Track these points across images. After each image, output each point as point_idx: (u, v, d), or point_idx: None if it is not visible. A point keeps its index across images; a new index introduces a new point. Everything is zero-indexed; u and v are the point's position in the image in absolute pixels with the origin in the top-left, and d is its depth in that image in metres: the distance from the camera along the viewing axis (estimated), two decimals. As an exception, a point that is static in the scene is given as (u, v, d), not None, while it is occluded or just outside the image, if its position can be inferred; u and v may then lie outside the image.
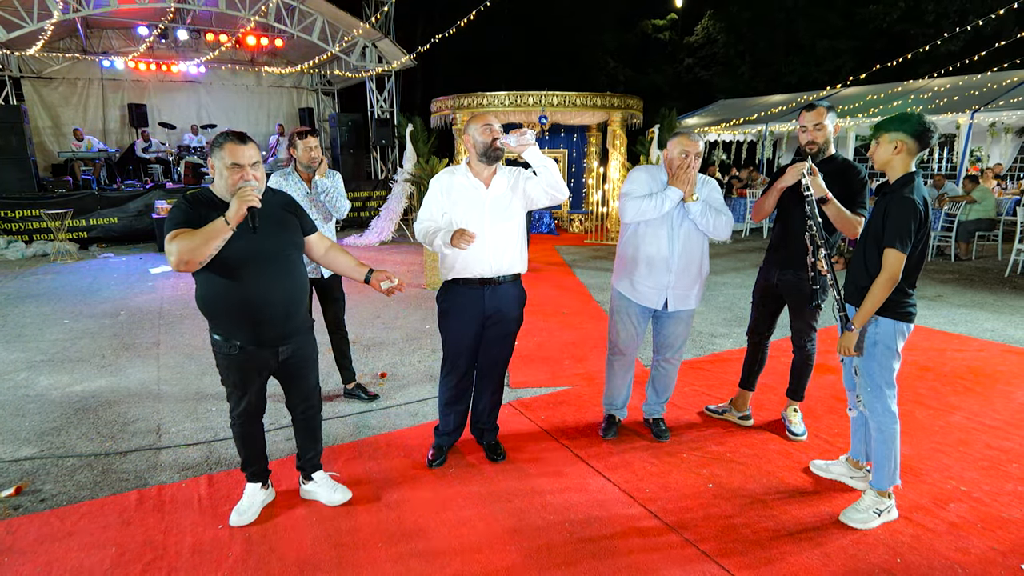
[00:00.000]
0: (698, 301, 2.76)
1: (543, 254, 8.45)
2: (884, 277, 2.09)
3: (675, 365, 2.89)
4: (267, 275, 2.03)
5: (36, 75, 11.33)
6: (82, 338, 4.59)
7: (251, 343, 2.07)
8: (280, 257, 2.08)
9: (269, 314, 2.05)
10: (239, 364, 2.11)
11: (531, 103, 10.18)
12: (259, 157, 2.03)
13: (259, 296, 2.02)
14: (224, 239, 1.89)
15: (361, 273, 2.22)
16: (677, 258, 2.64)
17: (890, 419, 2.21)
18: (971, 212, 7.87)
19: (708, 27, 22.68)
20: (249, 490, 2.32)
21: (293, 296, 2.12)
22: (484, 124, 2.41)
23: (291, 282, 2.11)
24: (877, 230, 2.15)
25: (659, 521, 2.26)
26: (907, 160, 2.15)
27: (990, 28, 13.84)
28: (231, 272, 1.98)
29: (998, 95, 10.11)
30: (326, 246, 2.27)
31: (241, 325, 2.04)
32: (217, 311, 2.05)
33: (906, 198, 2.07)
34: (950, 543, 2.12)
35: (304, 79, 14.22)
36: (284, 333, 2.12)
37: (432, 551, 2.10)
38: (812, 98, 13.27)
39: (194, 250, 1.86)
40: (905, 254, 2.06)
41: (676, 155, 2.60)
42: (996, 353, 4.11)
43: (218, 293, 2.01)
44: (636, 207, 2.61)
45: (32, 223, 8.47)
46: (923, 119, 2.11)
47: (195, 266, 1.90)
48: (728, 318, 5.10)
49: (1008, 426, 3.02)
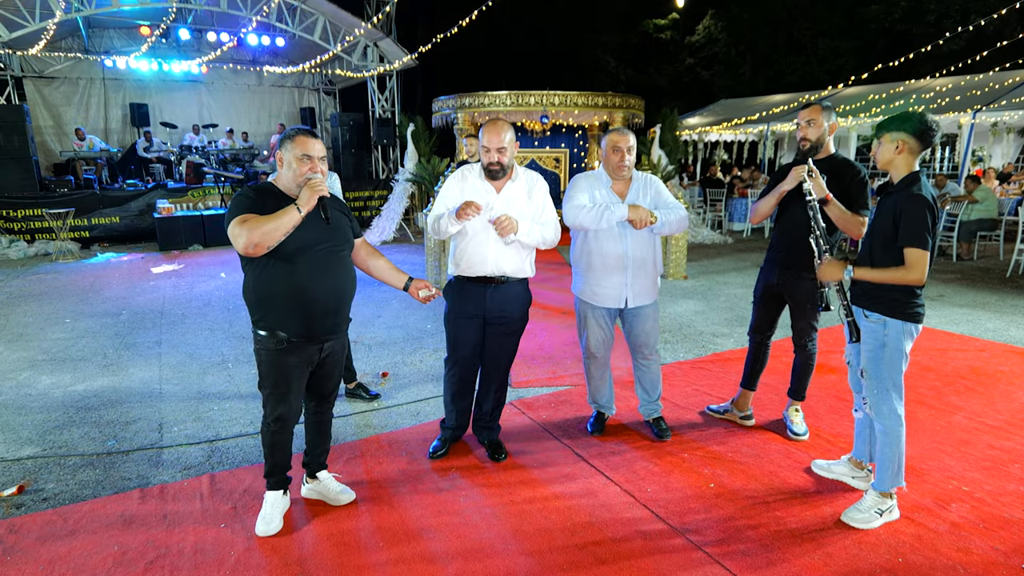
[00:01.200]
0: (656, 294, 2.81)
1: (544, 253, 8.44)
2: (911, 276, 2.05)
3: (654, 362, 2.90)
4: (325, 267, 2.09)
5: (38, 75, 11.35)
6: (84, 337, 4.60)
7: (301, 334, 2.08)
8: (337, 251, 2.14)
9: (322, 306, 2.09)
10: (283, 360, 2.09)
11: (532, 103, 10.17)
12: (325, 153, 2.12)
13: (315, 286, 2.06)
14: (294, 226, 1.96)
15: (401, 280, 2.33)
16: (631, 256, 2.71)
17: (896, 422, 2.19)
18: (973, 212, 7.85)
19: (709, 27, 22.66)
20: (271, 498, 2.25)
21: (345, 290, 2.18)
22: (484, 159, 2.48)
23: (345, 276, 2.18)
24: (886, 231, 2.12)
25: (661, 522, 2.26)
26: (910, 160, 2.14)
27: (992, 28, 13.82)
28: (292, 260, 2.04)
29: (1000, 95, 10.10)
30: (368, 251, 2.36)
31: (294, 314, 2.06)
32: (271, 300, 2.06)
33: (919, 196, 2.05)
34: (952, 543, 2.12)
35: (305, 79, 14.23)
36: (332, 327, 2.17)
37: (433, 552, 2.10)
38: (813, 98, 13.25)
39: (267, 233, 1.93)
40: (928, 252, 2.04)
41: (609, 152, 2.69)
42: (998, 353, 4.10)
43: (275, 281, 2.04)
44: (574, 216, 2.67)
45: (34, 222, 8.48)
46: (924, 118, 2.10)
47: (263, 250, 1.96)
48: (729, 318, 5.10)
49: (1010, 426, 3.02)
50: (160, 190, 9.41)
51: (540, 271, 2.91)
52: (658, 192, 2.76)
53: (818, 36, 19.51)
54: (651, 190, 2.77)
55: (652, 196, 2.75)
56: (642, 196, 2.74)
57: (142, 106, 11.81)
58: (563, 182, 11.82)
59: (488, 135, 2.44)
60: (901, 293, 2.13)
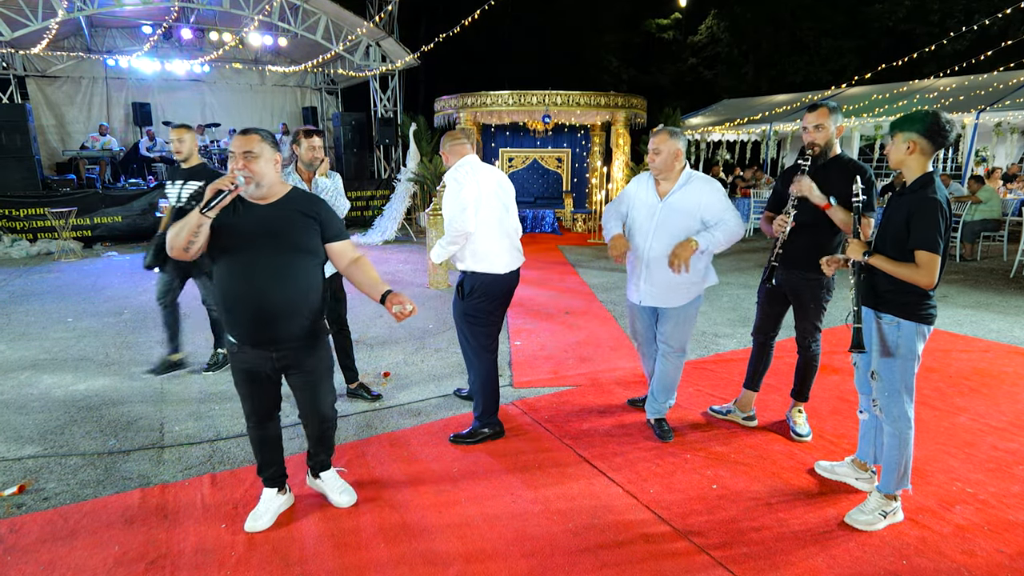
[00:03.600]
0: (684, 302, 2.78)
1: (546, 254, 8.43)
2: (920, 278, 2.03)
3: (672, 363, 2.88)
4: (263, 274, 2.01)
5: (40, 74, 11.37)
6: (85, 337, 4.60)
7: (246, 341, 2.07)
8: (279, 258, 2.02)
9: (260, 314, 2.02)
10: (239, 364, 2.13)
11: (535, 102, 10.17)
12: (257, 148, 1.98)
13: (251, 293, 2.01)
14: (197, 227, 1.91)
15: (378, 292, 2.10)
16: (650, 259, 2.74)
17: (906, 424, 2.17)
18: (976, 212, 7.83)
19: (712, 27, 22.62)
20: (265, 495, 2.28)
21: (289, 301, 2.04)
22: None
23: (289, 286, 2.03)
24: (899, 232, 2.09)
25: (664, 523, 2.25)
26: (922, 160, 2.10)
27: (996, 27, 13.76)
28: (232, 264, 2.02)
29: (1004, 95, 10.06)
30: (351, 258, 2.16)
31: (236, 319, 2.06)
32: (219, 302, 2.11)
33: (932, 199, 2.03)
34: (956, 545, 2.10)
35: (308, 78, 14.24)
36: (276, 337, 2.06)
37: (435, 552, 2.09)
38: (816, 98, 13.21)
39: (175, 236, 1.94)
40: (939, 255, 2.02)
41: (650, 152, 2.75)
42: (1001, 354, 4.08)
43: (221, 282, 2.06)
44: (605, 219, 2.98)
45: (36, 222, 8.50)
46: (937, 118, 2.05)
47: (182, 253, 1.96)
48: (732, 318, 5.08)
49: (1014, 427, 3.00)
50: (162, 189, 9.41)
51: (543, 272, 2.92)
52: (707, 202, 2.67)
53: (821, 36, 19.45)
54: (696, 196, 2.69)
55: (696, 203, 2.68)
56: (682, 200, 2.70)
57: (144, 105, 11.83)
58: (565, 182, 11.82)
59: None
60: (914, 295, 2.11)
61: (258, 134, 2.02)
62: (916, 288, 2.08)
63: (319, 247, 2.12)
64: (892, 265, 2.09)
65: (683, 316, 2.81)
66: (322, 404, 2.23)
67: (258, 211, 2.04)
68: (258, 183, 2.00)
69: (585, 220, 10.63)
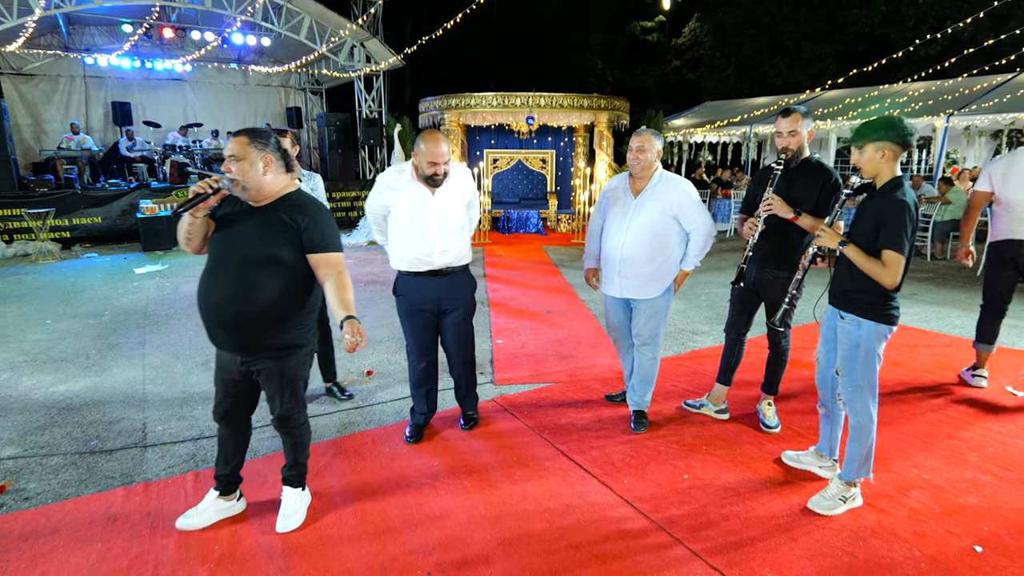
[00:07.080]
0: (657, 293, 2.89)
1: (530, 254, 8.52)
2: (884, 277, 2.11)
3: (647, 356, 2.98)
4: (225, 280, 2.00)
5: (16, 72, 11.15)
6: (65, 338, 4.57)
7: (212, 340, 2.12)
8: (243, 266, 1.98)
9: (210, 316, 2.04)
10: (216, 359, 2.18)
11: (518, 104, 10.26)
12: (240, 151, 1.98)
13: (212, 297, 2.02)
14: (189, 225, 2.03)
15: (340, 316, 1.95)
16: (626, 249, 2.86)
17: (868, 419, 2.26)
18: (946, 213, 8.09)
19: (695, 29, 22.93)
20: (208, 495, 2.27)
21: (251, 309, 1.97)
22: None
23: (252, 295, 1.96)
24: (867, 233, 2.17)
25: (633, 509, 2.34)
26: (892, 165, 2.19)
27: (967, 33, 14.18)
28: (208, 261, 2.09)
29: (971, 100, 10.38)
30: (326, 272, 2.04)
31: (202, 318, 2.10)
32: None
33: (901, 201, 2.10)
34: (909, 528, 2.23)
35: (291, 78, 14.16)
36: (238, 345, 2.04)
37: (415, 543, 2.16)
38: (794, 101, 13.49)
39: (178, 230, 2.10)
40: (904, 256, 2.09)
41: (634, 150, 2.84)
42: (963, 348, 4.25)
43: (199, 281, 2.10)
44: (588, 231, 3.14)
45: (12, 223, 8.35)
46: (904, 125, 2.14)
47: (184, 245, 2.11)
48: (709, 316, 5.21)
49: (969, 417, 3.16)
50: (143, 190, 9.31)
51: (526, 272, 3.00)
52: (679, 202, 2.77)
53: (801, 40, 19.83)
54: (667, 195, 2.79)
55: (667, 201, 2.78)
56: (654, 198, 2.81)
57: (124, 104, 11.65)
58: (549, 183, 11.92)
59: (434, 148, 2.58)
60: (878, 296, 2.18)
61: (247, 136, 2.00)
62: (880, 288, 2.16)
63: (291, 257, 2.00)
64: (863, 258, 2.16)
65: (655, 308, 2.92)
66: (290, 415, 2.17)
67: (246, 212, 2.06)
68: (244, 186, 2.00)
69: (569, 220, 10.75)
